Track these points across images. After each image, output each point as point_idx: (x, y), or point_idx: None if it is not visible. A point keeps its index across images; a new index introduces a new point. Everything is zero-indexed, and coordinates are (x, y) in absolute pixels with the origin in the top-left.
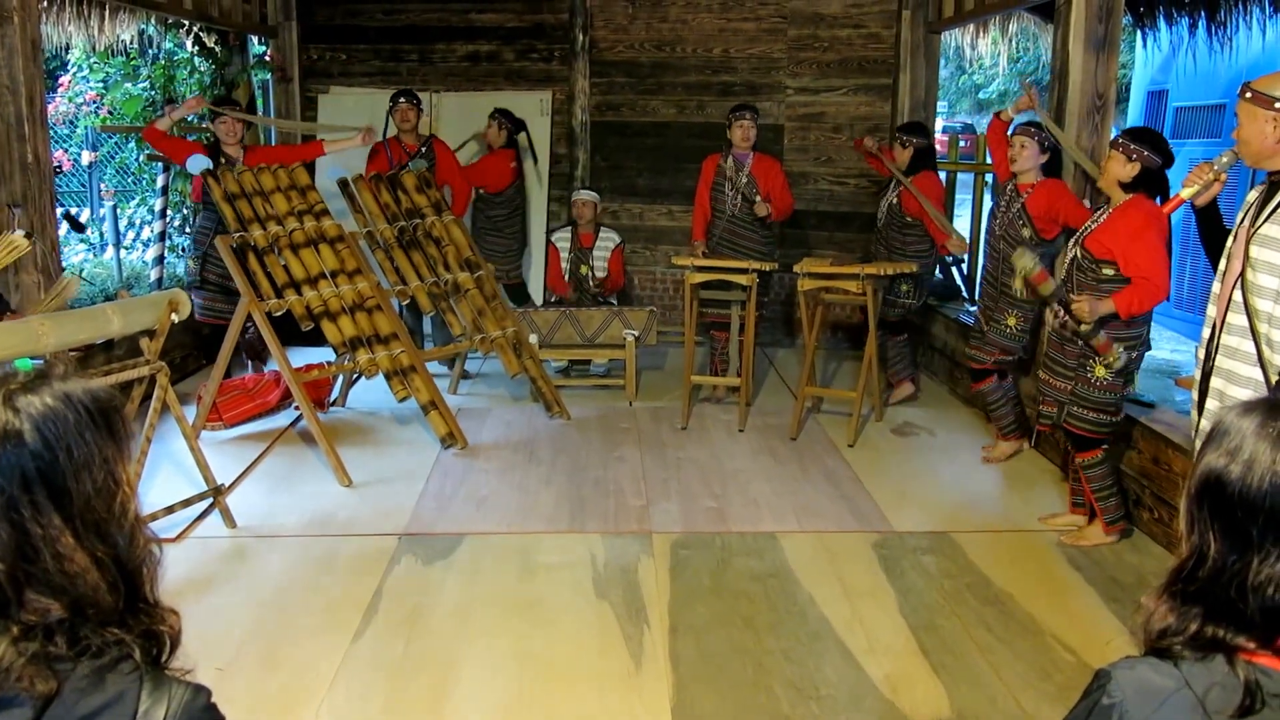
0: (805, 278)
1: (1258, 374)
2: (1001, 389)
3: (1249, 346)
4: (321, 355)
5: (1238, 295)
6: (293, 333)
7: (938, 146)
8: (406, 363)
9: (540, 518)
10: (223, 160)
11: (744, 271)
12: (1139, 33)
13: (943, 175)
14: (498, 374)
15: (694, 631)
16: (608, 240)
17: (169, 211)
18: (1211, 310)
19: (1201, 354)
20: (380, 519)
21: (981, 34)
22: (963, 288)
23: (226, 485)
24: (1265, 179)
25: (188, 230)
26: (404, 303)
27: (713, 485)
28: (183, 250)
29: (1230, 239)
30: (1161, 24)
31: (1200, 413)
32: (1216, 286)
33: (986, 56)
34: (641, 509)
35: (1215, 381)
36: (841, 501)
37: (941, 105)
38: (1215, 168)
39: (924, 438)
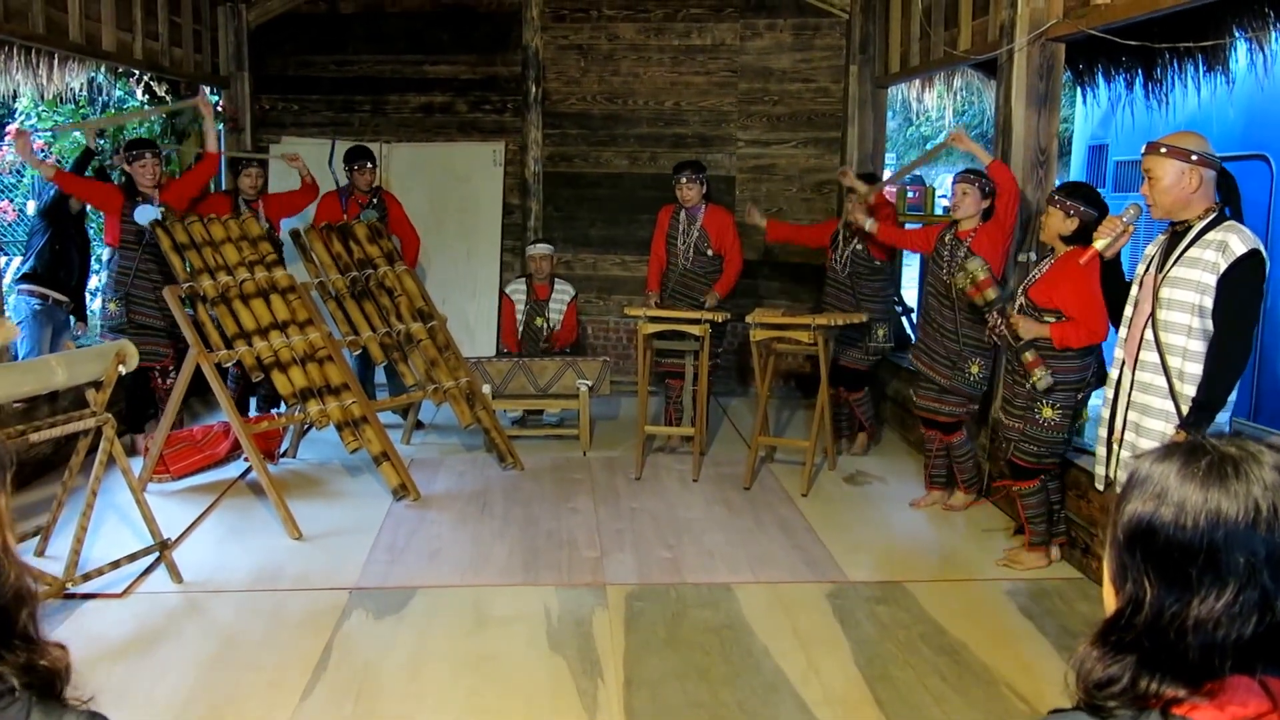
0: (757, 328)
1: (1170, 406)
2: (970, 440)
3: (1161, 381)
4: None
5: (1149, 335)
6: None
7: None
8: (358, 413)
9: (493, 570)
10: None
11: (696, 322)
12: (1079, 89)
13: None
14: (451, 424)
15: (649, 685)
16: (563, 293)
17: None
18: (1119, 353)
19: (1110, 394)
20: (331, 572)
21: (927, 88)
22: (913, 336)
23: (173, 539)
24: (1168, 229)
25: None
26: (355, 353)
27: (667, 536)
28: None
29: (1135, 287)
30: (1100, 81)
31: (1109, 449)
32: (1123, 332)
33: (933, 110)
34: (595, 560)
35: (1131, 415)
36: (795, 551)
37: (890, 157)
38: (1124, 220)
39: (877, 486)
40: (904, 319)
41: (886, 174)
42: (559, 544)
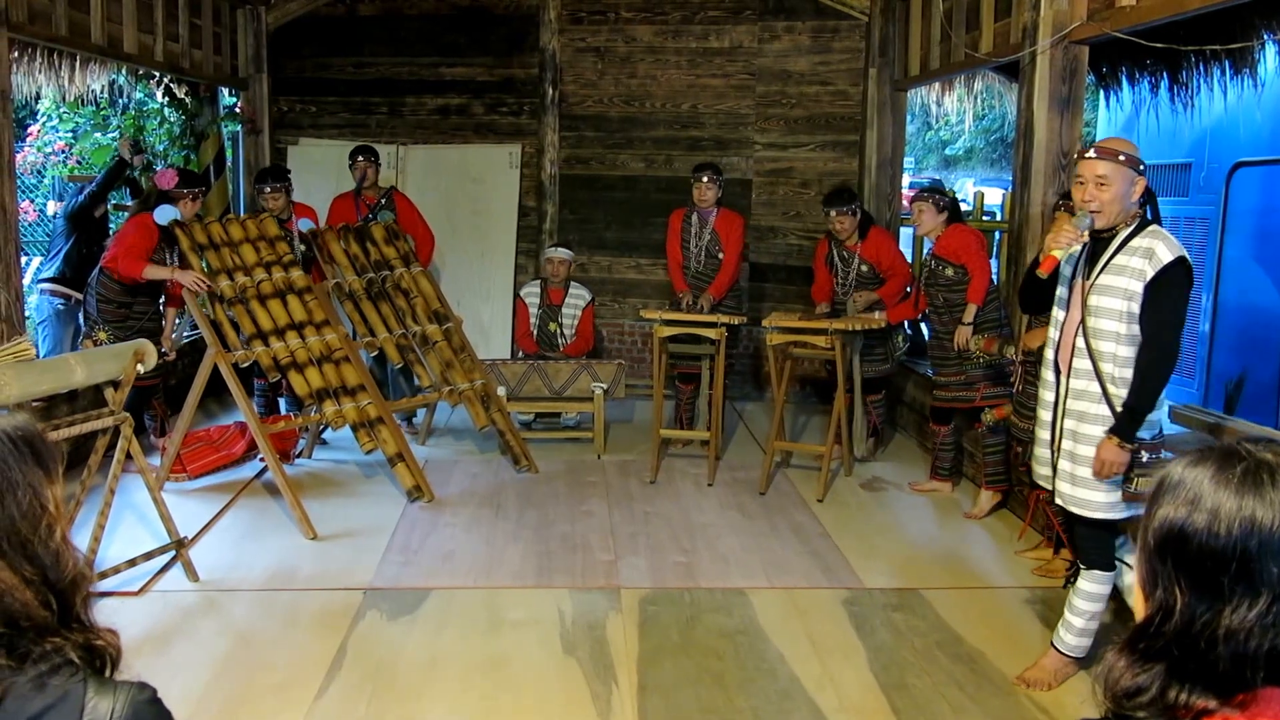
0: (774, 332)
1: (1105, 410)
2: (1000, 432)
3: (1095, 388)
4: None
5: (1080, 342)
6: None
7: (904, 202)
8: (374, 414)
9: (507, 572)
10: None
11: (712, 325)
12: (1102, 92)
13: (906, 231)
14: (465, 426)
15: (662, 690)
16: (578, 299)
17: None
18: (1049, 354)
19: (1050, 398)
20: (345, 573)
21: (947, 91)
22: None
23: (190, 538)
24: (1085, 232)
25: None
26: (373, 354)
27: (681, 540)
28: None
29: (1064, 290)
30: (1124, 84)
31: (1053, 451)
32: (1054, 335)
33: (953, 113)
34: (609, 564)
35: (1068, 423)
36: (811, 557)
37: (908, 161)
38: (1079, 229)
39: (893, 493)
40: (923, 324)
41: (906, 179)
42: (573, 547)
